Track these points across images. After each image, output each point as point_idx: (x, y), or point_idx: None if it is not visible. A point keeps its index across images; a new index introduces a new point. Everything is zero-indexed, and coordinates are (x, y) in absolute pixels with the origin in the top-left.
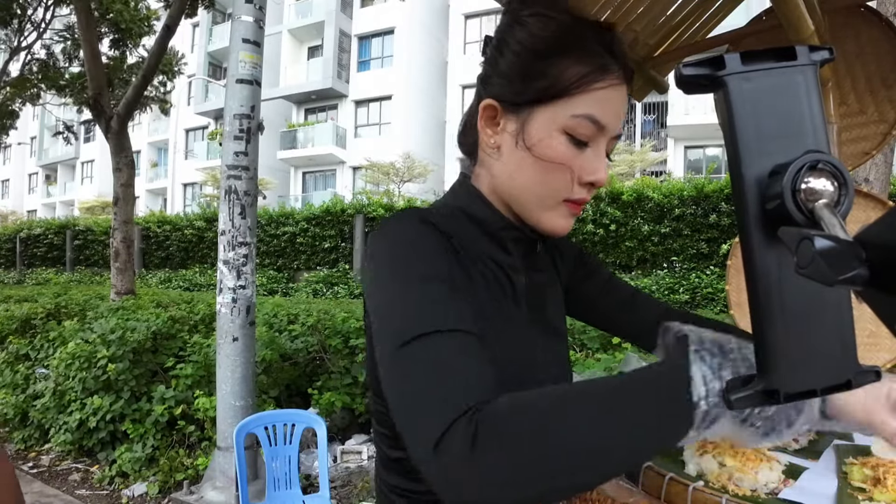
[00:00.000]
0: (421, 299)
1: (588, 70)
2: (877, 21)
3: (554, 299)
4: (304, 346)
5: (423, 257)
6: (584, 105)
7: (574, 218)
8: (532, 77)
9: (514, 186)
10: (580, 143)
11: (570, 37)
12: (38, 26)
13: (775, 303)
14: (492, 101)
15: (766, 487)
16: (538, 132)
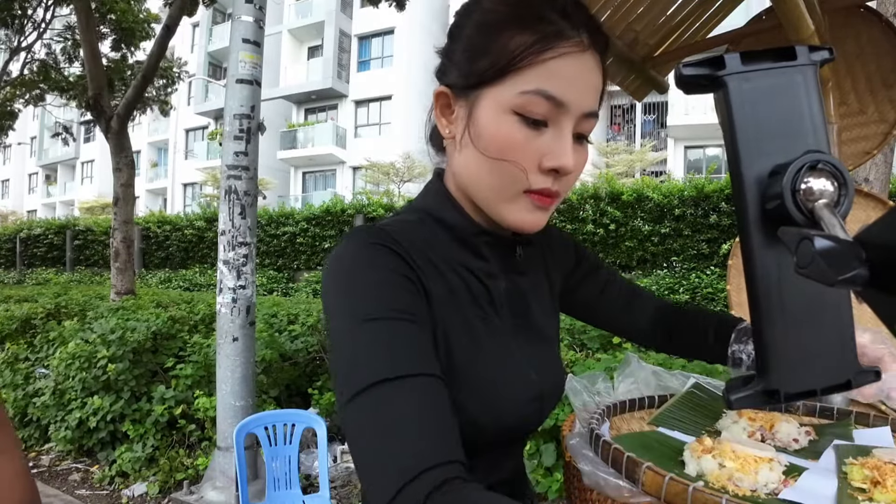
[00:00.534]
0: (368, 343)
1: (535, 38)
2: (877, 21)
3: (540, 301)
4: (304, 346)
5: (367, 291)
6: (534, 79)
7: (543, 212)
8: (477, 56)
9: (471, 179)
10: (536, 124)
11: (518, 7)
12: (38, 26)
13: (775, 303)
14: (443, 88)
15: (766, 488)
16: (486, 115)
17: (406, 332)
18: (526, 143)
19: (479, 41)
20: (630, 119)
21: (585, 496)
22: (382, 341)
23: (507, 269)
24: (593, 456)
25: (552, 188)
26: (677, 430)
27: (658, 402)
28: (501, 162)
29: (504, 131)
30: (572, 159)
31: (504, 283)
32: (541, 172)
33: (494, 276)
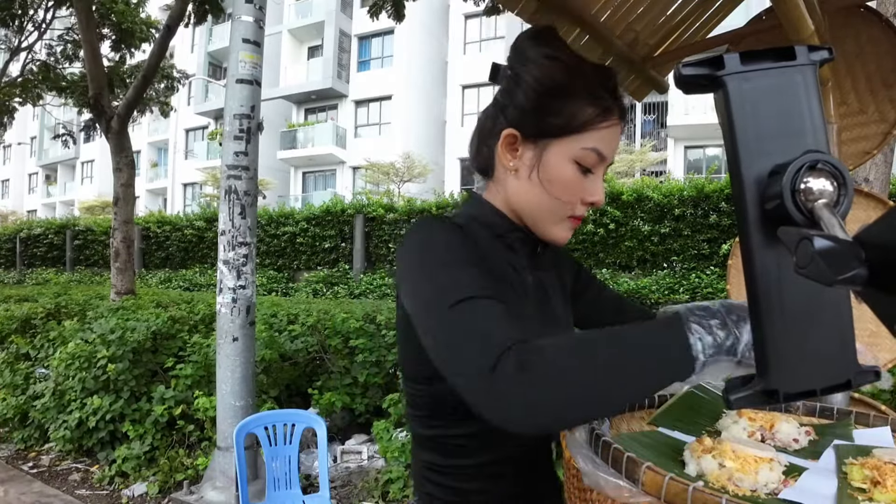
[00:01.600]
0: (457, 276)
1: (597, 112)
2: (877, 21)
3: (558, 295)
4: (304, 346)
5: (452, 248)
6: (592, 140)
7: (572, 231)
8: (550, 114)
9: (528, 203)
10: (586, 171)
11: (580, 80)
12: (38, 26)
13: (775, 303)
14: (513, 130)
15: (767, 488)
16: (553, 160)
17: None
18: (578, 183)
19: (551, 103)
20: (630, 119)
21: (585, 496)
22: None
23: (531, 265)
24: (593, 456)
25: (584, 215)
26: (677, 430)
27: (658, 401)
28: (562, 196)
29: (566, 175)
30: (602, 196)
31: (530, 277)
32: (582, 204)
33: (524, 269)
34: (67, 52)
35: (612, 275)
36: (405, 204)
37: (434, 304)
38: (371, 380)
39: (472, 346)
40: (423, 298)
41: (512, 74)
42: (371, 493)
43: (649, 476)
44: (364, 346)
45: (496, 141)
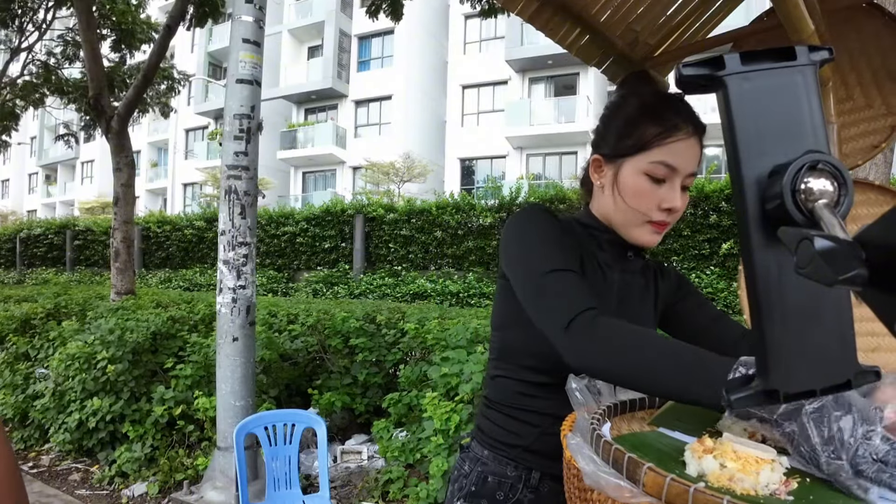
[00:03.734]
0: (552, 251)
1: (661, 130)
2: (879, 15)
3: (643, 298)
4: (304, 345)
5: (549, 230)
6: (659, 155)
7: (659, 235)
8: (622, 138)
9: (612, 212)
10: (658, 181)
11: (646, 107)
12: (38, 27)
13: (775, 303)
14: (597, 156)
15: (768, 488)
16: (627, 175)
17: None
18: (651, 193)
19: (625, 129)
20: None
21: (585, 496)
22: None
23: (620, 267)
24: (594, 456)
25: (666, 220)
26: (678, 431)
27: (658, 402)
28: (636, 204)
29: (639, 186)
30: (679, 202)
31: (617, 275)
32: (659, 211)
33: (611, 267)
34: (67, 52)
35: None
36: (405, 204)
37: (531, 271)
38: (371, 379)
39: (558, 306)
40: (523, 266)
41: (608, 113)
42: (371, 493)
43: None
44: (364, 346)
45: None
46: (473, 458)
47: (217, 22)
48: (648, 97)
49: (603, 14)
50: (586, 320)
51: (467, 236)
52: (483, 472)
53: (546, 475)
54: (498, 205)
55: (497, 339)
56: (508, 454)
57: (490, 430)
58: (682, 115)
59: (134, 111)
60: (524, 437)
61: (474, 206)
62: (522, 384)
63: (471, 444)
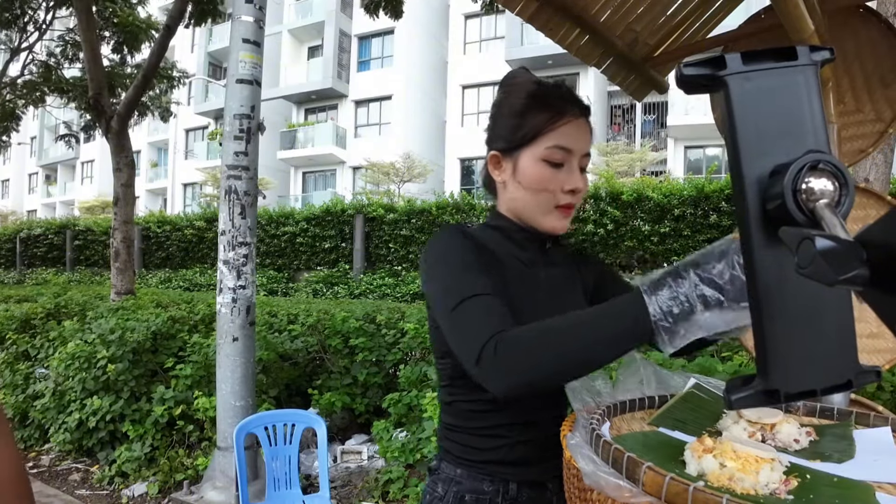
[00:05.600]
0: (464, 278)
1: (551, 115)
2: (875, 21)
3: (572, 288)
4: (304, 346)
5: (462, 254)
6: (553, 139)
7: (567, 219)
8: (514, 130)
9: (519, 205)
10: (556, 165)
11: (531, 96)
12: (39, 27)
13: (775, 303)
14: (494, 152)
15: (767, 488)
16: (525, 165)
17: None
18: (552, 177)
19: (516, 121)
20: (630, 119)
21: (585, 496)
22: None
23: (544, 262)
24: (593, 456)
25: (574, 202)
26: (678, 431)
27: (658, 402)
28: (540, 191)
29: (538, 172)
30: (581, 182)
31: (543, 272)
32: (563, 193)
33: (535, 264)
34: (67, 52)
35: None
36: (405, 204)
37: (445, 305)
38: (371, 380)
39: (467, 338)
40: (436, 299)
41: (494, 109)
42: (371, 493)
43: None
44: (364, 346)
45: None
46: (446, 478)
47: (216, 21)
48: (532, 86)
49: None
50: (491, 347)
51: None
52: (459, 490)
53: (524, 484)
54: None
55: (444, 366)
56: (483, 469)
57: (458, 451)
58: (567, 99)
59: (134, 111)
60: (494, 451)
61: (474, 207)
62: (479, 403)
63: (440, 465)
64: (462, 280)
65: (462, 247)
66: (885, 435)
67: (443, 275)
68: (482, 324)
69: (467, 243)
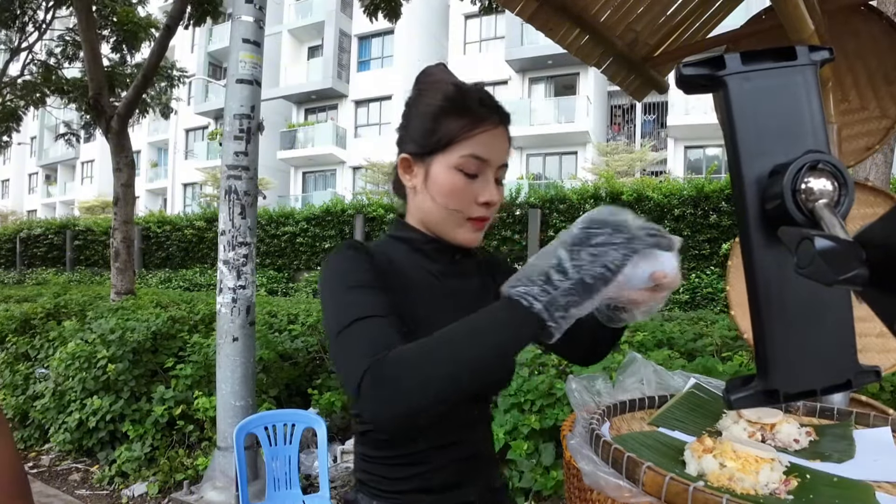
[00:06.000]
0: (351, 300)
1: (466, 123)
2: (877, 19)
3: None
4: (304, 345)
5: (350, 273)
6: (468, 148)
7: (479, 233)
8: (428, 134)
9: (429, 214)
10: (471, 176)
11: (452, 101)
12: (39, 26)
13: (775, 303)
14: (405, 155)
15: (767, 488)
16: (438, 173)
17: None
18: (466, 188)
19: (430, 125)
20: (630, 119)
21: (585, 496)
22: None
23: (454, 273)
24: (593, 456)
25: (486, 215)
26: (678, 430)
27: (658, 402)
28: (452, 201)
29: (451, 182)
30: (496, 194)
31: (452, 283)
32: (477, 206)
33: (445, 276)
34: (67, 52)
35: None
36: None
37: (329, 329)
38: None
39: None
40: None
41: (406, 109)
42: None
43: (650, 476)
44: None
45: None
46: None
47: (216, 21)
48: (449, 88)
49: (603, 14)
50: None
51: None
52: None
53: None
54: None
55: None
56: (399, 500)
57: (374, 482)
58: (486, 106)
59: (134, 111)
60: (410, 480)
61: None
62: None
63: (356, 496)
64: (350, 302)
65: (353, 264)
66: (885, 435)
67: (331, 297)
68: (363, 350)
69: (360, 259)
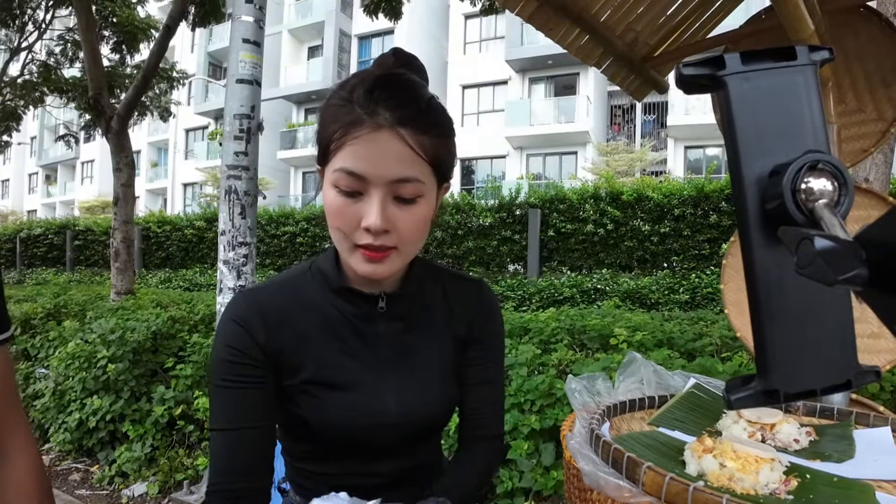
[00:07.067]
0: (216, 401)
1: (338, 128)
2: (876, 20)
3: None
4: None
5: (221, 367)
6: (340, 160)
7: (376, 264)
8: (318, 142)
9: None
10: (349, 194)
11: (330, 100)
12: (38, 26)
13: (775, 303)
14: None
15: (767, 488)
16: (325, 188)
17: (235, 398)
18: (345, 209)
19: (319, 131)
20: (630, 119)
21: (585, 496)
22: (226, 405)
23: (384, 315)
24: (593, 456)
25: (375, 243)
26: (678, 430)
27: (658, 402)
28: (333, 224)
29: (329, 201)
30: (379, 219)
31: (382, 326)
32: (361, 231)
33: (370, 320)
34: (67, 52)
35: (612, 275)
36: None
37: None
38: None
39: (209, 468)
40: None
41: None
42: None
43: (650, 476)
44: None
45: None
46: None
47: (217, 22)
48: (345, 86)
49: (603, 14)
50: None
51: (467, 236)
52: None
53: None
54: (498, 205)
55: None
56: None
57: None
58: (368, 105)
59: (134, 111)
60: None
61: (474, 207)
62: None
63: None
64: (215, 402)
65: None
66: (884, 435)
67: (210, 387)
68: (216, 466)
69: (234, 349)
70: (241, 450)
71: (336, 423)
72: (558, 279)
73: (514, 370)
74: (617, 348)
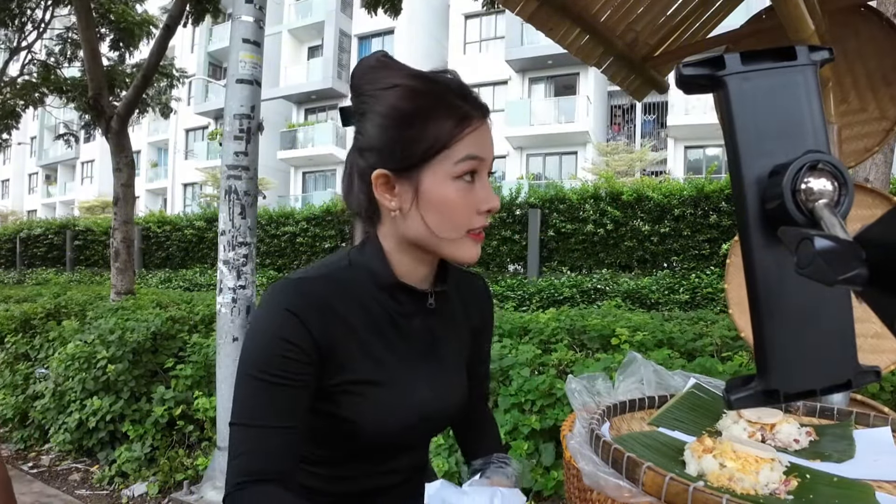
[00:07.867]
0: (247, 394)
1: (456, 122)
2: (877, 20)
3: (452, 338)
4: None
5: (260, 357)
6: (462, 150)
7: (479, 244)
8: (411, 143)
9: (424, 236)
10: (469, 182)
11: (426, 97)
12: (38, 26)
13: (775, 303)
14: (382, 171)
15: (767, 488)
16: (431, 186)
17: (272, 393)
18: (465, 197)
19: (409, 132)
20: (630, 119)
21: (585, 496)
22: (257, 398)
23: (422, 311)
24: (593, 456)
25: (486, 224)
26: (678, 430)
27: (658, 402)
28: (452, 217)
29: (449, 194)
30: (496, 199)
31: (418, 321)
32: (479, 215)
33: (408, 316)
34: (67, 51)
35: (612, 275)
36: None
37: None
38: None
39: (229, 464)
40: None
41: (360, 114)
42: None
43: (650, 476)
44: None
45: (368, 186)
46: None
47: (216, 20)
48: (416, 84)
49: (603, 14)
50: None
51: None
52: None
53: None
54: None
55: None
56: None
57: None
58: (469, 100)
59: (134, 111)
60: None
61: None
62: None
63: None
64: (246, 395)
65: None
66: (885, 434)
67: (239, 369)
68: (238, 462)
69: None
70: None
71: (377, 420)
72: (558, 279)
73: (515, 370)
74: (617, 348)
